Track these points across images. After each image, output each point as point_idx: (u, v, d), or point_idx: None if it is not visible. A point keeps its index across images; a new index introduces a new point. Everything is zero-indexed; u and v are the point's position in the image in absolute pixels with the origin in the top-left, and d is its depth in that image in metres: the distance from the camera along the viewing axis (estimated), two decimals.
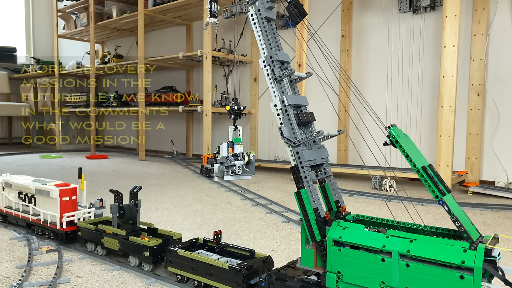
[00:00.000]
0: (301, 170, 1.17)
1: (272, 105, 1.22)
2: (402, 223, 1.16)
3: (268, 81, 1.23)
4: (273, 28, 1.29)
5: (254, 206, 2.87)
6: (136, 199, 1.77)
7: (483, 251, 0.92)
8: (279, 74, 1.21)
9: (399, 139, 1.07)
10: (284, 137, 1.18)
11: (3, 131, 7.79)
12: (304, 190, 1.16)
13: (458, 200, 3.08)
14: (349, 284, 1.09)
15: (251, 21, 1.28)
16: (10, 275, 1.61)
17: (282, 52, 1.27)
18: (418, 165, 1.05)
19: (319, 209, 1.16)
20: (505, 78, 3.53)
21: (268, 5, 1.27)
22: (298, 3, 1.26)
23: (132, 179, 4.00)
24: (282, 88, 1.22)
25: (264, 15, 1.26)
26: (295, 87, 1.29)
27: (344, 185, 3.70)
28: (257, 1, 1.26)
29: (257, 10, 1.26)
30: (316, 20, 4.67)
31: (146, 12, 5.53)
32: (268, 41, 1.25)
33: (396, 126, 1.10)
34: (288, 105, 1.19)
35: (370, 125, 1.55)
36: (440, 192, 1.02)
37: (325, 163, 1.26)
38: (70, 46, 8.22)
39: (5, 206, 2.27)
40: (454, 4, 2.96)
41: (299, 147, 1.17)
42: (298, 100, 1.24)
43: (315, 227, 1.15)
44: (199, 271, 1.44)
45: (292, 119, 1.18)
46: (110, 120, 7.87)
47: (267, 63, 1.23)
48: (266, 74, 1.23)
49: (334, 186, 1.26)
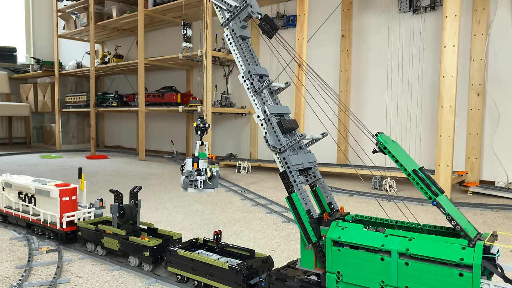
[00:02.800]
0: (290, 175, 1.20)
1: (255, 117, 1.26)
2: (401, 222, 1.16)
3: (249, 94, 1.28)
4: (248, 45, 1.35)
5: (254, 206, 2.87)
6: (136, 199, 1.77)
7: (481, 248, 0.93)
8: (258, 86, 1.26)
9: (387, 145, 1.10)
10: (270, 145, 1.22)
11: (3, 131, 7.80)
12: (295, 194, 1.18)
13: (458, 200, 3.08)
14: (349, 284, 1.09)
15: (227, 41, 1.34)
16: (10, 275, 1.62)
17: (259, 66, 1.32)
18: (408, 168, 1.07)
19: (312, 211, 1.18)
20: (505, 78, 3.53)
21: (241, 25, 1.34)
22: (268, 19, 1.31)
23: (132, 179, 4.01)
24: (263, 99, 1.26)
25: (239, 34, 1.33)
26: (276, 98, 1.34)
27: (344, 185, 3.70)
28: (230, 22, 1.33)
29: (232, 30, 1.33)
30: (316, 20, 4.67)
31: (146, 12, 5.53)
32: (245, 57, 1.31)
33: (383, 133, 1.12)
34: (270, 114, 1.24)
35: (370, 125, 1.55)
36: (433, 193, 1.04)
37: (313, 167, 1.28)
38: (70, 46, 8.23)
39: (5, 206, 2.27)
40: (454, 4, 2.96)
41: (285, 153, 1.21)
42: (280, 109, 1.28)
43: (309, 228, 1.16)
44: (199, 271, 1.44)
45: (276, 127, 1.23)
46: (110, 120, 7.88)
47: (246, 78, 1.28)
48: (247, 88, 1.28)
49: (325, 189, 1.28)
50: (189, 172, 1.49)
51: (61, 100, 7.26)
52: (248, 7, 1.30)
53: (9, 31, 8.39)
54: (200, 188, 1.48)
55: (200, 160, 1.50)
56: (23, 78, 8.10)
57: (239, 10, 1.32)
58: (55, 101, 7.17)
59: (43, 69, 7.31)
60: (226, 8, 1.35)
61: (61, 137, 7.31)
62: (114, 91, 6.86)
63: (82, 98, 6.95)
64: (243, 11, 1.32)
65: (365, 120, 4.39)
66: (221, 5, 1.36)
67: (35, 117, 8.00)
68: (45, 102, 7.45)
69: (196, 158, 1.50)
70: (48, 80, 7.48)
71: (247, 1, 1.31)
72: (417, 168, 1.07)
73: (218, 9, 1.38)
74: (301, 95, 3.89)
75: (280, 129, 1.23)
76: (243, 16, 1.33)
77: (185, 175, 1.51)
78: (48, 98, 7.38)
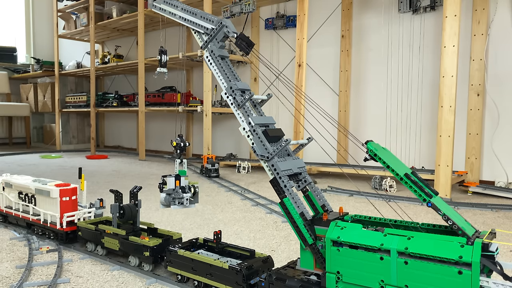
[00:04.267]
0: (280, 181, 1.22)
1: (241, 129, 1.30)
2: (400, 222, 1.17)
3: (233, 109, 1.31)
4: (228, 63, 1.40)
5: (254, 206, 2.87)
6: (136, 199, 1.77)
7: (480, 246, 0.93)
8: (241, 100, 1.29)
9: (377, 152, 1.13)
10: (258, 154, 1.24)
11: (3, 131, 7.80)
12: (287, 199, 1.20)
13: (458, 200, 3.08)
14: (349, 284, 1.09)
15: (207, 62, 1.40)
16: (10, 275, 1.62)
17: (240, 82, 1.36)
18: (400, 173, 1.09)
19: (305, 213, 1.19)
20: (505, 78, 3.53)
21: (219, 45, 1.41)
22: (244, 36, 1.37)
23: (132, 179, 4.01)
24: (247, 111, 1.30)
25: (218, 54, 1.39)
26: (260, 110, 1.38)
27: (344, 185, 3.70)
28: (209, 44, 1.39)
29: (211, 51, 1.39)
30: (316, 20, 4.67)
31: (146, 12, 5.53)
32: (226, 75, 1.35)
33: (372, 141, 1.15)
34: (255, 125, 1.27)
35: (370, 125, 1.55)
36: (426, 195, 1.06)
37: (303, 172, 1.31)
38: (70, 46, 8.23)
39: (5, 206, 2.27)
40: (454, 4, 2.96)
41: (273, 160, 1.23)
42: (264, 120, 1.32)
43: (304, 231, 1.17)
44: (199, 271, 1.44)
45: (261, 136, 1.26)
46: (110, 120, 7.88)
47: (228, 94, 1.32)
48: (230, 103, 1.32)
49: (317, 192, 1.30)
50: (173, 190, 1.55)
51: (61, 100, 7.27)
52: (224, 27, 1.37)
53: (9, 31, 8.39)
54: (186, 204, 1.55)
55: (181, 177, 1.57)
56: (23, 78, 8.11)
57: (215, 32, 1.39)
58: (55, 101, 7.18)
59: (43, 69, 7.31)
60: (203, 31, 1.42)
61: (61, 137, 7.32)
62: (114, 91, 6.87)
63: (82, 98, 6.95)
64: (220, 32, 1.38)
65: (365, 120, 4.39)
66: (199, 29, 1.43)
67: (35, 117, 8.00)
68: (45, 102, 7.45)
69: (177, 176, 1.56)
70: (48, 80, 7.49)
71: (222, 22, 1.37)
72: (409, 172, 1.10)
73: (196, 34, 1.45)
74: (301, 95, 3.89)
75: (266, 137, 1.26)
76: (220, 37, 1.40)
77: (166, 193, 1.57)
78: (48, 98, 7.38)
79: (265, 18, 5.10)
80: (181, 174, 1.58)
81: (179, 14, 1.48)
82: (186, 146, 1.63)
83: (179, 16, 1.48)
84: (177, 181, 1.56)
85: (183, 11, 1.47)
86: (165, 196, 1.57)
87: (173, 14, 1.50)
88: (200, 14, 1.42)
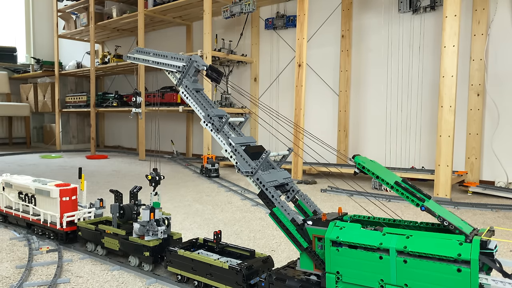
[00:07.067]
0: (267, 192, 1.25)
1: (223, 151, 1.35)
2: (399, 221, 1.17)
3: (213, 134, 1.38)
4: (203, 95, 1.48)
5: (254, 206, 2.87)
6: (136, 199, 1.78)
7: (478, 243, 0.93)
8: (219, 124, 1.37)
9: (365, 165, 1.17)
10: (243, 172, 1.28)
11: (3, 131, 7.80)
12: (276, 208, 1.23)
13: (458, 200, 3.08)
14: (349, 284, 1.09)
15: (183, 96, 1.49)
16: (10, 275, 1.62)
17: (217, 109, 1.43)
18: (390, 182, 1.12)
19: (295, 218, 1.21)
20: (505, 78, 3.53)
21: (192, 80, 1.51)
22: (213, 68, 1.50)
23: (132, 179, 4.01)
24: (226, 134, 1.36)
25: (192, 88, 1.48)
26: (240, 132, 1.47)
27: (344, 185, 3.70)
28: (183, 81, 1.49)
29: (185, 86, 1.49)
30: (316, 20, 4.67)
31: (146, 12, 5.53)
32: (202, 105, 1.44)
33: (359, 155, 1.19)
34: (236, 144, 1.33)
35: (370, 125, 1.56)
36: (419, 199, 1.08)
37: (289, 182, 1.34)
38: (70, 46, 8.23)
39: (5, 206, 2.27)
40: (454, 4, 2.96)
41: (257, 174, 1.27)
42: (244, 139, 1.39)
43: (298, 236, 1.18)
44: (199, 271, 1.44)
45: (243, 154, 1.31)
46: (110, 120, 7.88)
47: (207, 121, 1.40)
48: (210, 130, 1.39)
49: (306, 199, 1.33)
50: (147, 222, 1.60)
51: (61, 100, 7.27)
52: (194, 62, 1.48)
53: (9, 31, 8.39)
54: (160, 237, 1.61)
55: (156, 210, 1.62)
56: (23, 78, 8.11)
57: (187, 68, 1.49)
58: (55, 101, 7.18)
59: (43, 69, 7.31)
60: (176, 70, 1.52)
61: (61, 137, 7.32)
62: (114, 91, 6.87)
63: (82, 98, 6.95)
64: (190, 67, 1.49)
65: (365, 120, 4.39)
66: (171, 69, 1.53)
67: (35, 117, 8.01)
68: (45, 102, 7.45)
69: (152, 209, 1.61)
70: (48, 80, 7.49)
71: (191, 58, 1.48)
72: (399, 180, 1.12)
73: (170, 74, 1.55)
74: (301, 95, 3.89)
75: (248, 154, 1.30)
76: (192, 72, 1.50)
77: (141, 224, 1.62)
78: (48, 98, 7.38)
79: (265, 18, 5.10)
80: (155, 206, 1.63)
81: (152, 59, 1.60)
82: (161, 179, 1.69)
83: (152, 61, 1.60)
84: (151, 213, 1.60)
85: (155, 56, 1.59)
86: (139, 227, 1.62)
87: (147, 61, 1.62)
88: (171, 55, 1.54)
